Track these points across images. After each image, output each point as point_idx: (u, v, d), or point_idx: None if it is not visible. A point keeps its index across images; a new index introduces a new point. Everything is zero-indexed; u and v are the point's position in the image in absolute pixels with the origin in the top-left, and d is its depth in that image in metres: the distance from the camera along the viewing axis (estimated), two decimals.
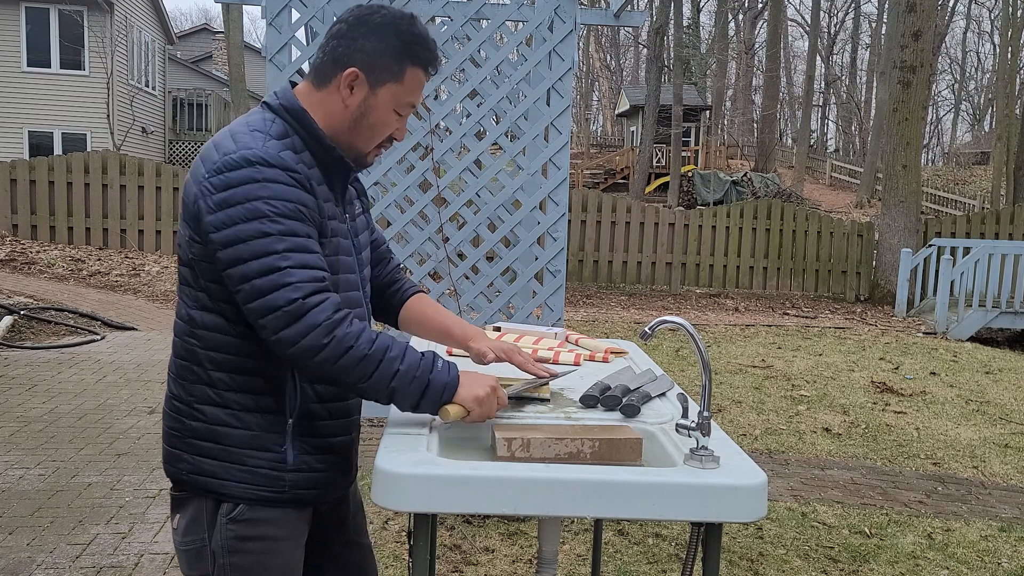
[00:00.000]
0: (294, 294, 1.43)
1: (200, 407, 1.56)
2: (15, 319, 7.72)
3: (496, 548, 3.53)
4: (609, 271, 13.40)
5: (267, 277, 1.43)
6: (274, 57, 4.40)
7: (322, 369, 1.46)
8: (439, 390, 1.53)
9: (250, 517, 1.55)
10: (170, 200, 12.90)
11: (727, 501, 1.39)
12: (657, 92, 24.64)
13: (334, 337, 1.44)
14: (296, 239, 1.46)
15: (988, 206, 24.87)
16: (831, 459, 5.08)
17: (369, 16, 1.57)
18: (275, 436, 1.56)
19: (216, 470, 1.55)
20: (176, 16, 68.49)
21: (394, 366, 1.49)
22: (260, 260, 1.43)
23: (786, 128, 45.78)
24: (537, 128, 4.52)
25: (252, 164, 1.46)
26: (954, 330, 10.53)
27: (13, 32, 18.93)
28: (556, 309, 4.56)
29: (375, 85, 1.57)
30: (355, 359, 1.46)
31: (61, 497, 3.96)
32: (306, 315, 1.43)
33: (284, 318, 1.43)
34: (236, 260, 1.44)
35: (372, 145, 1.63)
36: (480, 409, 1.56)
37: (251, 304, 1.45)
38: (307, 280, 1.44)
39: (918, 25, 12.58)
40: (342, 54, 1.56)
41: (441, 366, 1.55)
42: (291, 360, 1.47)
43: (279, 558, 1.58)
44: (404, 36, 1.57)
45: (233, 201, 1.44)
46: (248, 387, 1.55)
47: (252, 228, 1.43)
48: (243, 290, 1.45)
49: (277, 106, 1.58)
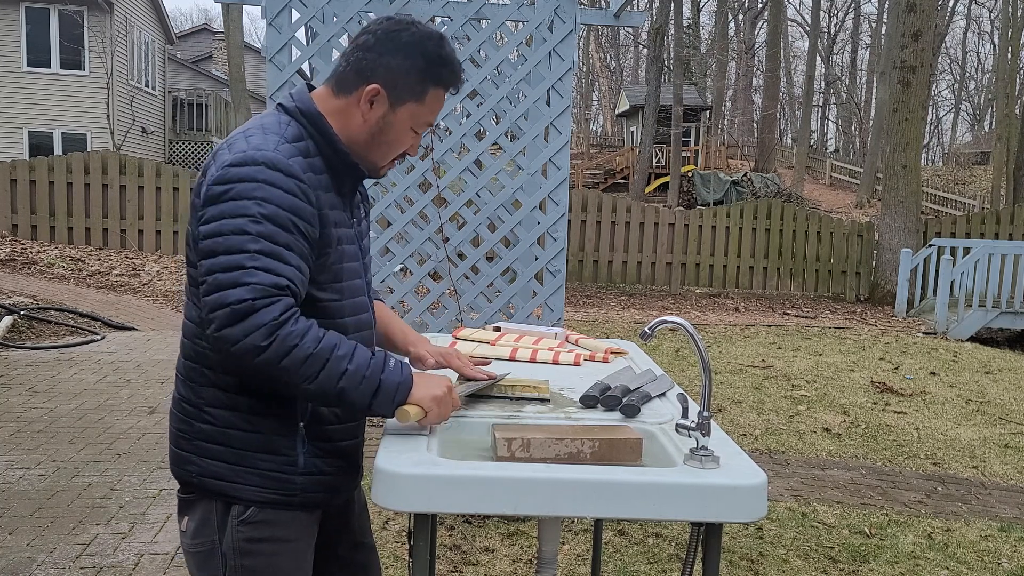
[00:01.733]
0: (247, 294, 1.38)
1: (210, 409, 1.55)
2: (15, 319, 7.72)
3: (496, 548, 3.53)
4: (609, 271, 13.40)
5: (229, 273, 1.40)
6: (274, 57, 4.40)
7: (266, 371, 1.41)
8: (391, 390, 1.49)
9: (261, 519, 1.55)
10: (170, 200, 12.90)
11: (727, 501, 1.39)
12: (657, 92, 24.64)
13: (276, 336, 1.39)
14: (272, 245, 1.42)
15: (988, 206, 24.88)
16: (831, 459, 5.08)
17: (398, 32, 1.55)
18: (285, 440, 1.56)
19: (226, 472, 1.54)
20: (176, 16, 68.51)
21: (342, 365, 1.44)
22: (229, 256, 1.41)
23: (786, 128, 45.80)
24: (537, 128, 4.52)
25: (257, 164, 1.45)
26: (954, 330, 10.53)
27: (13, 32, 18.93)
28: (556, 309, 4.56)
29: (396, 103, 1.56)
30: (299, 359, 1.40)
31: (61, 497, 3.96)
32: (252, 315, 1.38)
33: (230, 316, 1.38)
34: (209, 253, 1.43)
35: (387, 160, 1.64)
36: (438, 409, 1.54)
37: (207, 297, 1.41)
38: (266, 284, 1.40)
39: (918, 25, 12.58)
40: (366, 67, 1.55)
41: (393, 365, 1.51)
42: (232, 361, 1.41)
43: (290, 559, 1.59)
44: (431, 57, 1.56)
45: (228, 196, 1.44)
46: (258, 390, 1.54)
47: (233, 224, 1.42)
48: (206, 282, 1.42)
49: (292, 108, 1.57)
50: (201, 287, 1.44)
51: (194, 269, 1.54)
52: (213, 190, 1.45)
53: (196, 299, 1.55)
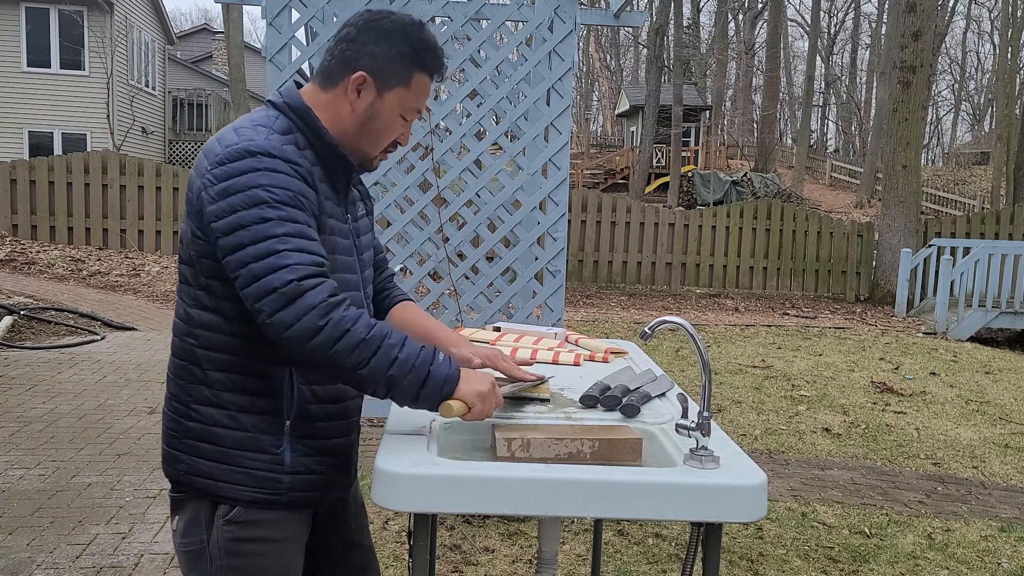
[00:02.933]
0: (290, 275, 1.40)
1: (197, 407, 1.55)
2: (15, 319, 7.72)
3: (496, 548, 3.53)
4: (609, 271, 13.39)
5: (264, 260, 1.41)
6: (274, 57, 4.40)
7: (318, 354, 1.42)
8: (439, 382, 1.49)
9: (247, 519, 1.55)
10: (170, 200, 12.90)
11: (727, 501, 1.39)
12: (657, 92, 24.63)
13: (330, 319, 1.40)
14: (296, 225, 1.45)
15: (988, 206, 24.87)
16: (831, 459, 5.08)
17: (379, 21, 1.57)
18: (271, 437, 1.55)
19: (213, 471, 1.54)
20: (176, 16, 68.51)
21: (393, 353, 1.44)
22: (258, 244, 1.42)
23: (786, 128, 45.79)
24: (537, 128, 4.52)
25: (254, 154, 1.46)
26: (954, 330, 10.53)
27: (13, 32, 18.92)
28: (556, 309, 4.56)
29: (383, 90, 1.57)
30: (352, 344, 1.41)
31: (61, 497, 3.96)
32: (302, 296, 1.40)
33: (279, 299, 1.40)
34: (236, 246, 1.43)
35: (378, 149, 1.64)
36: (482, 405, 1.53)
37: (247, 288, 1.42)
38: (304, 263, 1.42)
39: (918, 25, 12.58)
40: (351, 57, 1.56)
41: (441, 359, 1.52)
42: (286, 345, 1.42)
43: (277, 559, 1.58)
44: (414, 42, 1.57)
45: (234, 189, 1.44)
46: (245, 387, 1.54)
47: (252, 214, 1.43)
48: (241, 275, 1.43)
49: (281, 104, 1.58)
50: (236, 282, 1.44)
51: (187, 266, 1.55)
52: (215, 187, 1.45)
53: (186, 296, 1.56)
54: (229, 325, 1.53)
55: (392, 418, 1.67)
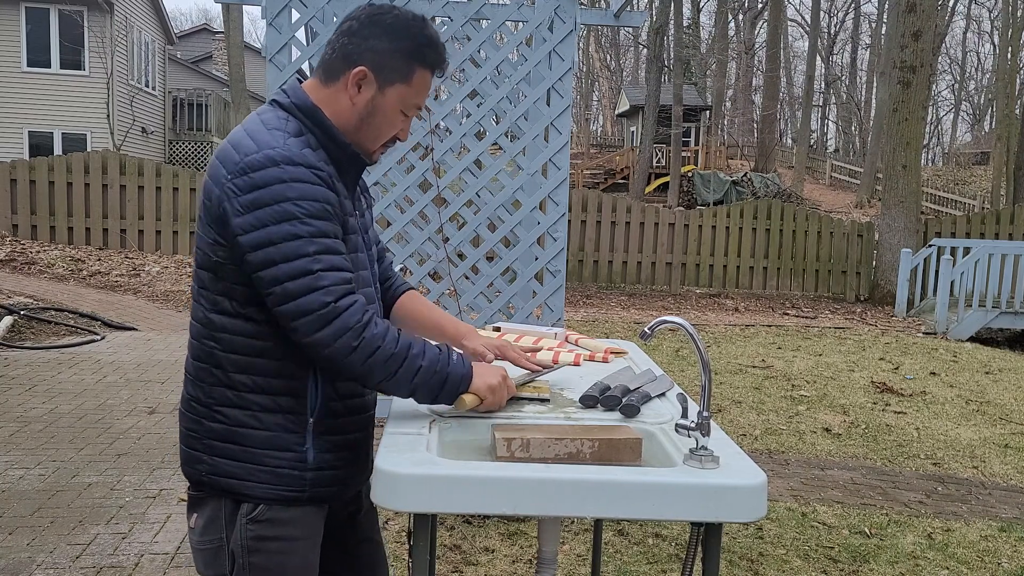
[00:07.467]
0: (327, 298, 1.45)
1: (220, 409, 1.56)
2: (15, 319, 7.72)
3: (496, 548, 3.53)
4: (609, 271, 13.39)
5: (299, 280, 1.44)
6: (274, 57, 4.40)
7: (354, 369, 1.51)
8: (457, 382, 1.59)
9: (270, 517, 1.56)
10: (170, 200, 12.90)
11: (727, 501, 1.39)
12: (657, 92, 24.63)
13: (363, 339, 1.48)
14: (326, 240, 1.48)
15: (988, 206, 24.87)
16: (831, 459, 5.08)
17: (381, 16, 1.57)
18: (295, 436, 1.57)
19: (236, 471, 1.55)
20: (176, 16, 68.52)
21: (417, 363, 1.54)
22: (292, 263, 1.44)
23: (786, 128, 45.79)
24: (537, 128, 4.52)
25: (277, 163, 1.46)
26: (954, 330, 10.53)
27: (13, 32, 18.92)
28: (556, 309, 4.55)
29: (383, 85, 1.57)
30: (383, 359, 1.50)
31: (61, 497, 3.96)
32: (338, 318, 1.46)
33: (318, 321, 1.46)
34: (267, 263, 1.45)
35: (378, 144, 1.64)
36: (493, 397, 1.62)
37: (283, 307, 1.46)
38: (338, 283, 1.47)
39: (918, 25, 12.58)
40: (352, 52, 1.56)
41: (456, 359, 1.60)
42: (323, 360, 1.50)
43: (298, 557, 1.59)
44: (416, 38, 1.57)
45: (262, 203, 1.44)
46: (269, 388, 1.55)
47: (283, 231, 1.44)
48: (275, 293, 1.46)
49: (289, 104, 1.57)
50: (268, 298, 1.48)
51: (206, 272, 1.54)
52: (241, 199, 1.45)
53: (206, 301, 1.56)
54: (253, 328, 1.53)
55: (392, 418, 1.67)
